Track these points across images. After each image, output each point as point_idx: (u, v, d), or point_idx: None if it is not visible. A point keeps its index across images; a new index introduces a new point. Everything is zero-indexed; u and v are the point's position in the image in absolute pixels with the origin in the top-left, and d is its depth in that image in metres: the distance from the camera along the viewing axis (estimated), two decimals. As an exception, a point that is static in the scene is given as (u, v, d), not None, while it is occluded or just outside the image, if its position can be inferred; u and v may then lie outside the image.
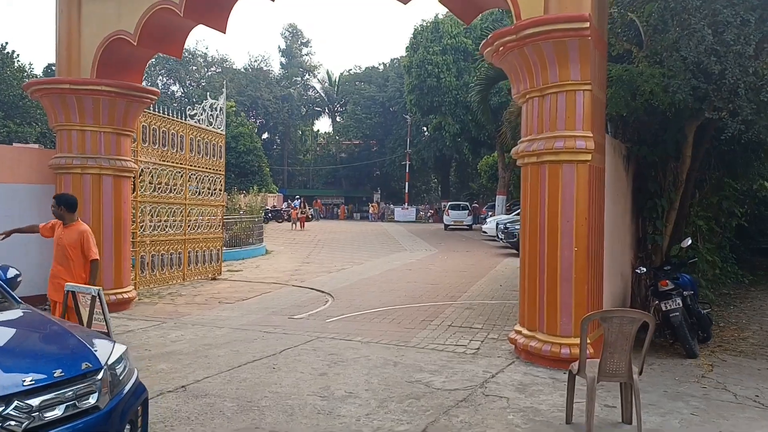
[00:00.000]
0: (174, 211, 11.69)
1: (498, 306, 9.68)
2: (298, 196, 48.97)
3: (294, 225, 34.40)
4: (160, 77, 56.74)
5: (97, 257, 5.81)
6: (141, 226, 10.74)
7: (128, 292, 9.20)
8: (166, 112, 11.49)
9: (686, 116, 7.75)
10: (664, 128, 8.16)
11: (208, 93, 14.80)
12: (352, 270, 14.98)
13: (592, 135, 6.01)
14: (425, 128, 47.18)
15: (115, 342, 3.33)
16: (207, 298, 10.51)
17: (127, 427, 2.93)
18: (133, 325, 7.95)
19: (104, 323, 5.09)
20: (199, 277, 12.59)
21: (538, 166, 6.26)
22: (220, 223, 13.48)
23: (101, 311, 5.07)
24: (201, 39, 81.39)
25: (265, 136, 61.73)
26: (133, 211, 10.23)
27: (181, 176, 11.93)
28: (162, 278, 11.44)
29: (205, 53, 60.85)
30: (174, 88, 58.46)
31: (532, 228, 6.34)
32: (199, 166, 12.51)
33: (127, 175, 9.32)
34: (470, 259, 17.93)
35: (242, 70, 62.14)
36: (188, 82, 58.80)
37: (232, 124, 42.97)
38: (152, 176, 11.08)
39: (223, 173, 13.48)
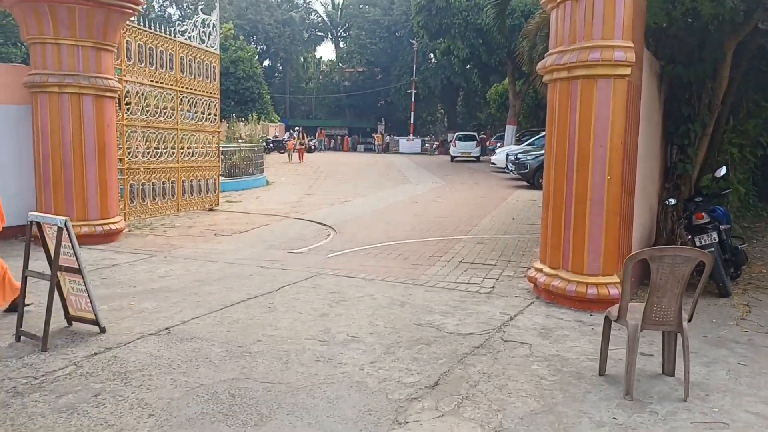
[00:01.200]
0: (165, 137, 10.91)
1: (512, 241, 9.06)
2: (297, 127, 47.76)
3: (291, 156, 32.32)
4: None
5: None
6: (129, 152, 10.02)
7: (116, 222, 8.59)
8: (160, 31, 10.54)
9: (727, 31, 6.89)
10: (701, 46, 7.31)
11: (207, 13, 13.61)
12: (355, 202, 14.34)
13: (632, 45, 5.19)
14: (432, 54, 45.40)
15: None
16: (202, 229, 9.93)
17: None
18: (119, 259, 7.39)
19: (74, 257, 4.50)
20: (195, 208, 11.98)
21: (568, 81, 5.44)
22: (216, 151, 12.73)
23: (70, 244, 4.46)
24: (197, -41, 77.34)
25: (266, 63, 59.79)
26: (120, 136, 9.50)
27: (172, 99, 11.08)
28: (155, 209, 10.81)
29: (203, -26, 58.08)
30: (171, 10, 56.24)
31: (560, 153, 5.60)
32: (191, 89, 11.62)
33: (110, 95, 8.52)
34: (479, 192, 17.24)
35: (241, -8, 59.45)
36: (186, 4, 56.39)
37: (230, 48, 41.25)
38: (140, 98, 10.25)
39: (218, 97, 12.61)
